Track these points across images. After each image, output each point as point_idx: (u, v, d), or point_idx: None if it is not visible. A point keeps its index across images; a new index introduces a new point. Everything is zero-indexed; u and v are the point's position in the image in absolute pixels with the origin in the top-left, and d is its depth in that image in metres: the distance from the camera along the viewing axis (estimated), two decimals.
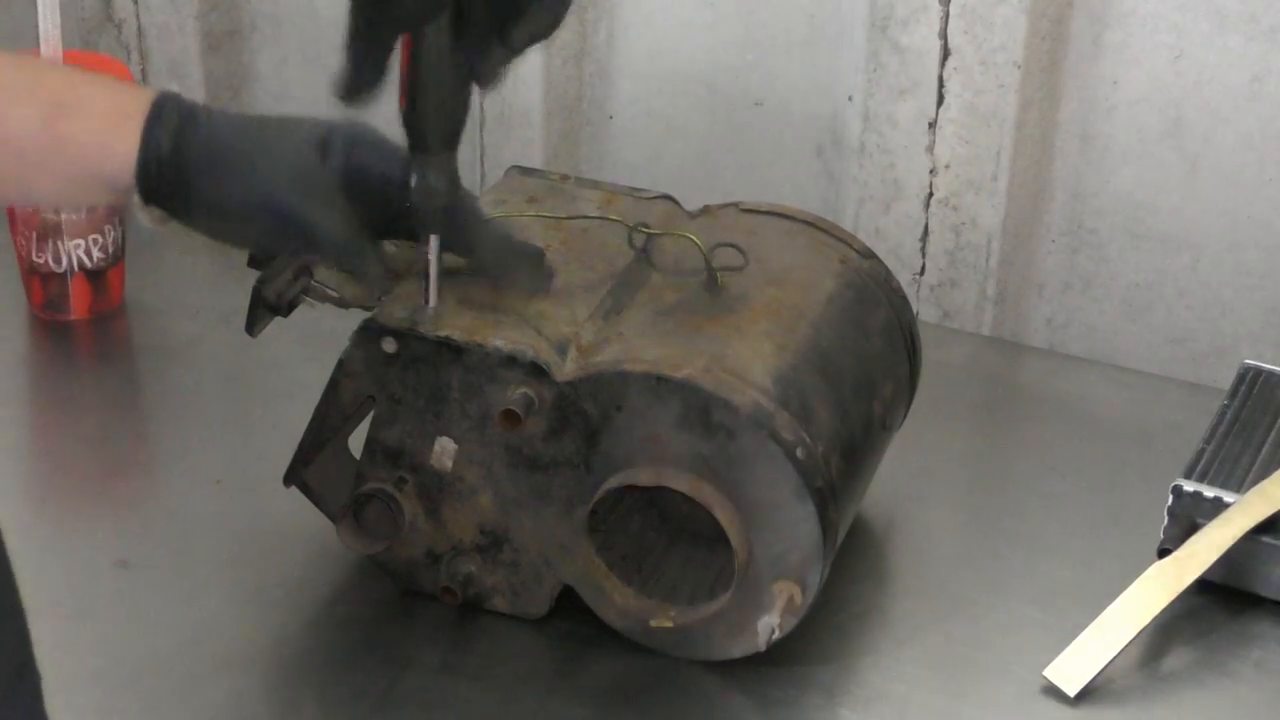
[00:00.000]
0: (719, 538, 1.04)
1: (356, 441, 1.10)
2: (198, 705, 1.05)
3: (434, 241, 1.03)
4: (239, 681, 1.06)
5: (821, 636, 1.09)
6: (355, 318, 1.07)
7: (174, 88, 1.34)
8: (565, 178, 1.21)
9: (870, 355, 1.12)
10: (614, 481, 1.03)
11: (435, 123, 0.99)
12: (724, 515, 1.02)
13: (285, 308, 1.10)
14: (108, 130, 0.96)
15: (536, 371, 1.03)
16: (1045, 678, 1.07)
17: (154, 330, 1.38)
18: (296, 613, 1.11)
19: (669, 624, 1.06)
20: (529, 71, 1.53)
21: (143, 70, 1.67)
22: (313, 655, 1.09)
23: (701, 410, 1.01)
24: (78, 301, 1.37)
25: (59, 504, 1.23)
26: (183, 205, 0.97)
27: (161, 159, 0.96)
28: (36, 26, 1.32)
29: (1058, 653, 1.08)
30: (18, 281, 1.38)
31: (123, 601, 1.12)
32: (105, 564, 1.14)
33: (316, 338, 1.17)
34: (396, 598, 1.11)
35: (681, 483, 1.02)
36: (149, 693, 1.05)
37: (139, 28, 1.66)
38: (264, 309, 1.09)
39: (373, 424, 1.07)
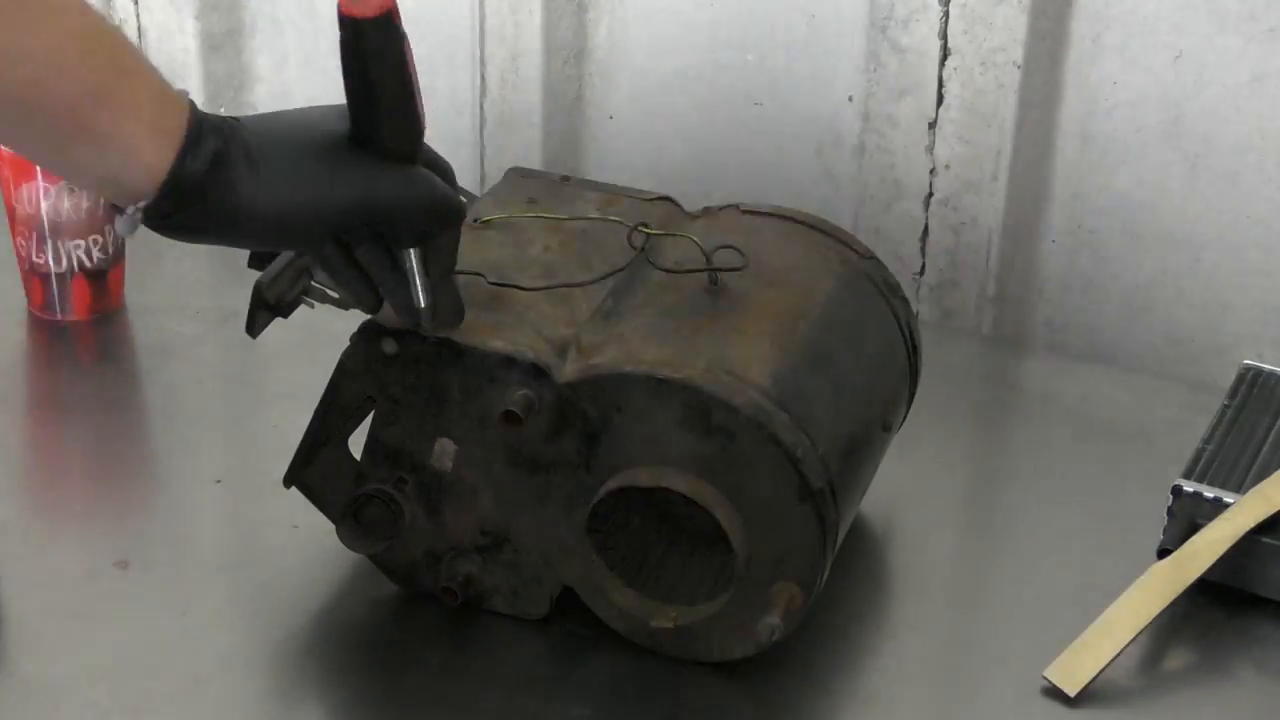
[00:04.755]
0: (719, 538, 1.04)
1: (356, 442, 1.10)
2: (197, 705, 1.05)
3: (414, 253, 1.02)
4: (239, 682, 1.06)
5: (821, 637, 1.09)
6: (355, 318, 1.07)
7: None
8: (565, 178, 1.21)
9: (870, 356, 1.12)
10: (614, 482, 1.03)
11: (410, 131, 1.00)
12: (724, 516, 1.02)
13: (285, 308, 1.10)
14: (139, 137, 0.93)
15: (537, 373, 1.03)
16: (1045, 678, 1.07)
17: (154, 330, 1.39)
18: (296, 613, 1.11)
19: (669, 624, 1.06)
20: (529, 71, 1.53)
21: None
22: (313, 655, 1.09)
23: (701, 411, 1.01)
24: (78, 302, 1.37)
25: (59, 504, 1.23)
26: (205, 228, 0.96)
27: (192, 186, 0.94)
28: None
29: (1058, 653, 1.08)
30: (18, 281, 1.38)
31: (122, 602, 1.12)
32: (105, 564, 1.14)
33: (316, 338, 1.17)
34: (396, 598, 1.11)
35: (682, 484, 1.02)
36: (149, 693, 1.05)
37: (139, 28, 1.66)
38: (264, 309, 1.09)
39: (373, 424, 1.07)
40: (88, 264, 1.36)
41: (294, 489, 1.10)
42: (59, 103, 0.92)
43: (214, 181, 0.94)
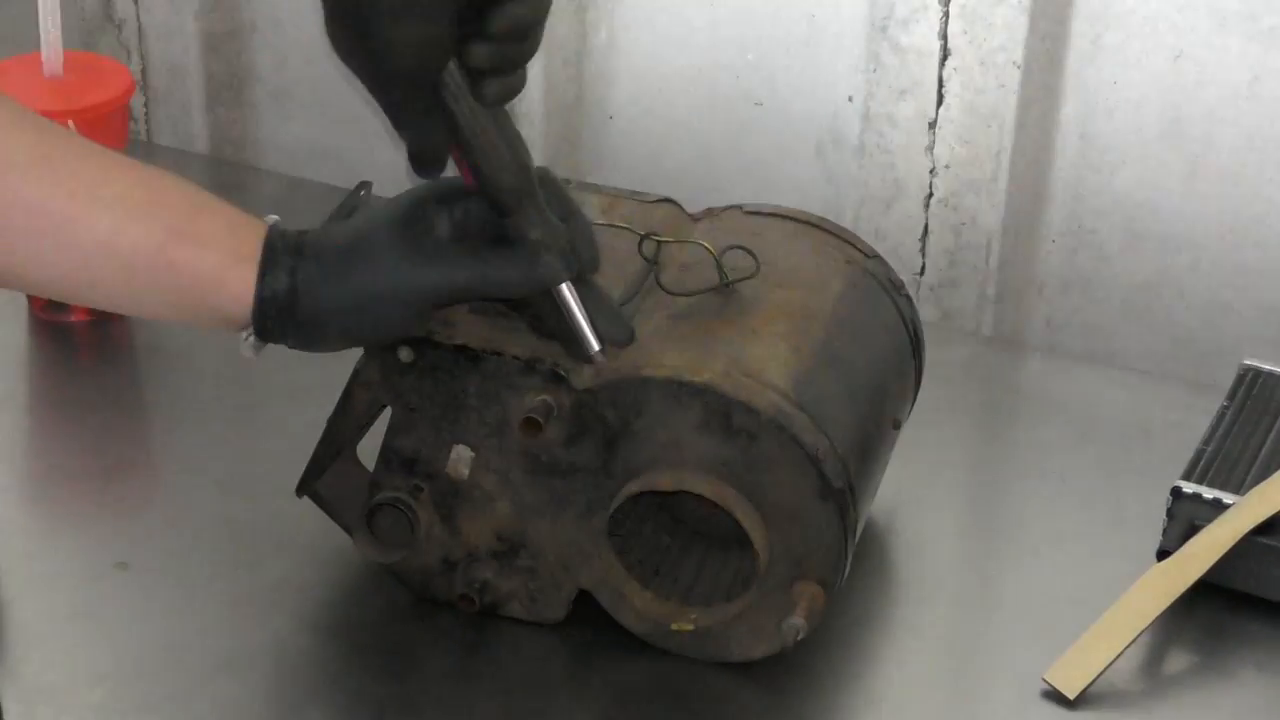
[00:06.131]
0: (734, 539, 1.04)
1: (363, 449, 1.10)
2: (197, 708, 1.05)
3: (565, 289, 1.02)
4: (238, 684, 1.06)
5: (821, 638, 1.09)
6: None
7: (175, 86, 1.34)
8: (566, 181, 1.20)
9: (879, 354, 1.13)
10: (634, 486, 1.03)
11: (505, 180, 1.00)
12: (746, 518, 1.02)
13: None
14: (222, 267, 0.98)
15: (555, 378, 1.03)
16: (1045, 681, 1.07)
17: (155, 331, 1.38)
18: (297, 616, 1.11)
19: (689, 627, 1.06)
20: (529, 71, 1.52)
21: (143, 70, 1.67)
22: (313, 659, 1.09)
23: (722, 414, 1.01)
24: None
25: (59, 505, 1.23)
26: (305, 338, 1.01)
27: (279, 304, 0.99)
28: (36, 26, 1.32)
29: (1057, 656, 1.08)
30: None
31: (122, 604, 1.12)
32: (105, 566, 1.14)
33: None
34: (398, 599, 1.11)
35: (703, 487, 1.02)
36: (148, 695, 1.05)
37: (139, 28, 1.66)
38: None
39: (388, 432, 1.07)
40: None
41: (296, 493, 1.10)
42: (143, 246, 0.97)
43: (295, 295, 0.99)
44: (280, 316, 0.99)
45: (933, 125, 1.43)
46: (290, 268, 0.99)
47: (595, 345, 1.02)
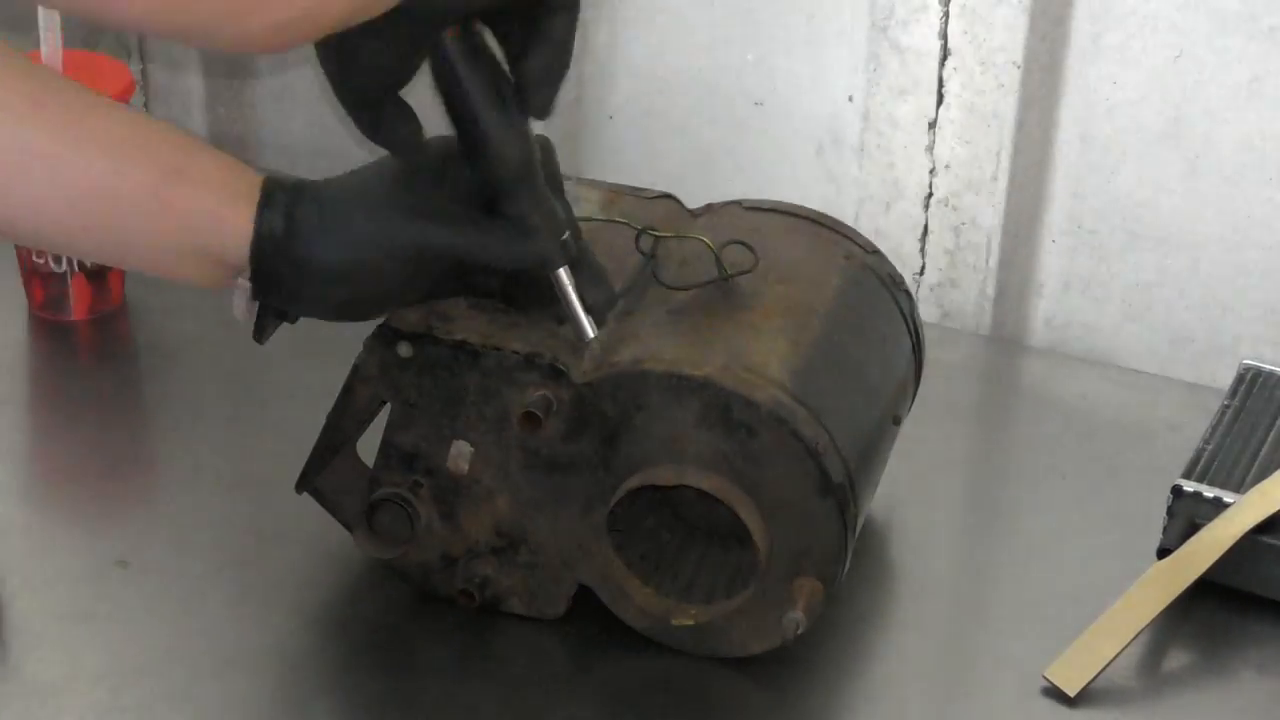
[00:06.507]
0: (734, 535, 1.05)
1: (363, 446, 1.10)
2: (197, 707, 1.05)
3: (563, 274, 1.02)
4: (239, 683, 1.06)
5: (820, 636, 1.09)
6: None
7: (173, 85, 1.34)
8: (566, 178, 1.21)
9: (879, 349, 1.13)
10: (634, 481, 1.03)
11: (511, 160, 1.00)
12: (746, 513, 1.02)
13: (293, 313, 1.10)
14: (220, 204, 0.98)
15: (554, 373, 1.03)
16: (1045, 678, 1.07)
17: (154, 330, 1.38)
18: (297, 612, 1.11)
19: (690, 622, 1.06)
20: None
21: (143, 70, 1.67)
22: (313, 655, 1.09)
23: (722, 408, 1.01)
24: (78, 302, 1.37)
25: (58, 504, 1.23)
26: (297, 284, 1.00)
27: (276, 242, 0.98)
28: (37, 26, 1.32)
29: (1057, 653, 1.08)
30: (18, 281, 1.38)
31: (122, 602, 1.12)
32: (104, 564, 1.14)
33: (318, 339, 1.17)
34: (399, 597, 1.11)
35: (703, 481, 1.02)
36: (148, 694, 1.05)
37: None
38: (272, 315, 1.09)
39: (387, 428, 1.07)
40: (88, 264, 1.36)
41: (296, 491, 1.10)
42: (142, 187, 0.96)
43: (291, 235, 0.98)
44: (276, 256, 0.98)
45: (933, 125, 1.43)
46: (288, 207, 0.99)
47: (590, 331, 1.03)
